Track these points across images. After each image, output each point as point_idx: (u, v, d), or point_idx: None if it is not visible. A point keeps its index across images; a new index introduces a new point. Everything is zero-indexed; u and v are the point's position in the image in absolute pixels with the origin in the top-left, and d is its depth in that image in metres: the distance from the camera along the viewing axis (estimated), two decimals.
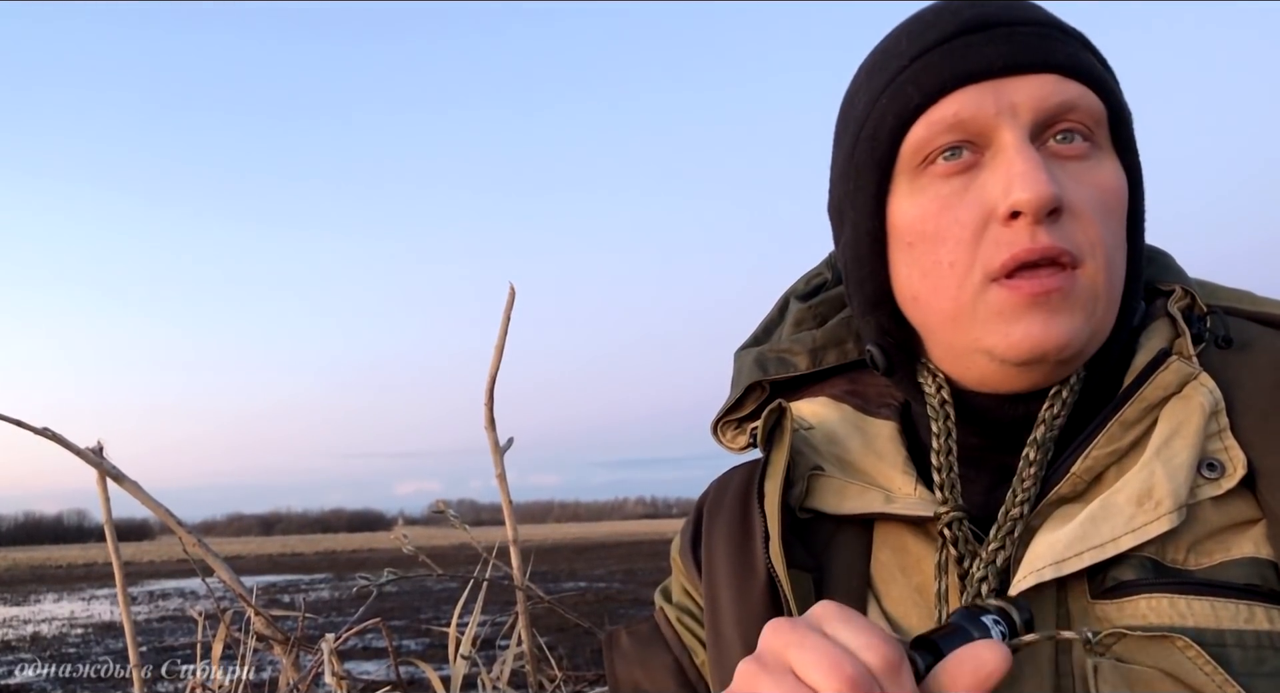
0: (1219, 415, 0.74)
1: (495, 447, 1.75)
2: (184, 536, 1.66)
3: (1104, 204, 0.74)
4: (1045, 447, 0.76)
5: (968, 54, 0.75)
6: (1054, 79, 0.74)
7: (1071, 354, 0.75)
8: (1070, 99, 0.74)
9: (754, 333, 0.98)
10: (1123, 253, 0.76)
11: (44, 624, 18.44)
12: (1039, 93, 0.73)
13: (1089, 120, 0.74)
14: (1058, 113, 0.74)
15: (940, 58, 0.76)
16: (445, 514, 1.87)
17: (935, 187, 0.76)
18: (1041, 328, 0.73)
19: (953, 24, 0.77)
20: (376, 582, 1.60)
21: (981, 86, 0.74)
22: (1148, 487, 0.72)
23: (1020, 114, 0.73)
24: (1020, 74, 0.74)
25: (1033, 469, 0.76)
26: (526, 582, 1.83)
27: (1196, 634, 0.68)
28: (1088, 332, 0.74)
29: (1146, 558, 0.72)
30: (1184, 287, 0.83)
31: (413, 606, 17.07)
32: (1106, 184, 0.75)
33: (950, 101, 0.75)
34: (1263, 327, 0.81)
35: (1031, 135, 0.74)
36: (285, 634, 1.62)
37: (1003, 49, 0.74)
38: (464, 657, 1.69)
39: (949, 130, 0.75)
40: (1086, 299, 0.74)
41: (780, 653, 0.60)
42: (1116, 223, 0.75)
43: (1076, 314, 0.73)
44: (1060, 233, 0.72)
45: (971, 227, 0.74)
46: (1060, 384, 0.77)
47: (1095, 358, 0.78)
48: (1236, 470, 0.72)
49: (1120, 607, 0.71)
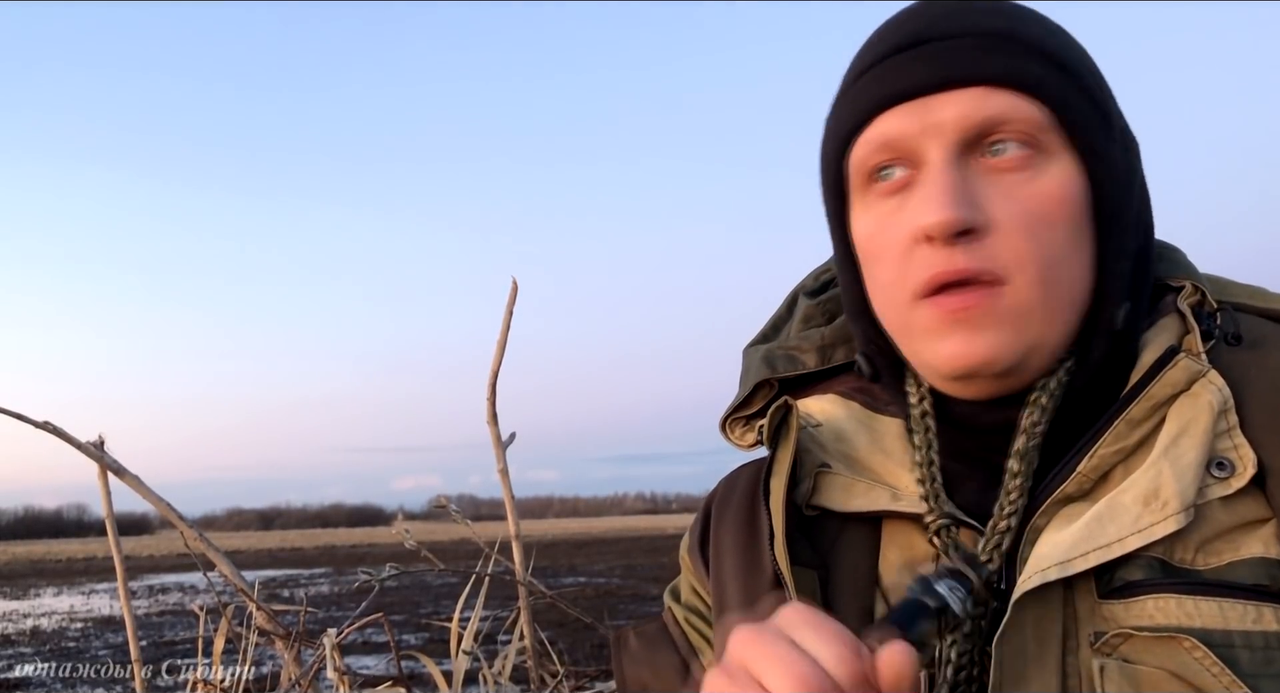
0: (1228, 414, 0.74)
1: (497, 441, 1.75)
2: (185, 530, 1.66)
3: (1040, 216, 0.74)
4: (1029, 456, 0.76)
5: (896, 74, 0.76)
6: (981, 93, 0.74)
7: (1003, 369, 0.75)
8: (998, 112, 0.74)
9: (762, 330, 0.97)
10: (1076, 260, 0.75)
11: (44, 618, 18.46)
12: (963, 109, 0.74)
13: (1027, 129, 0.74)
14: (985, 127, 0.74)
15: (872, 79, 0.77)
16: (447, 509, 1.87)
17: (878, 205, 0.78)
18: (965, 346, 0.74)
19: (888, 43, 0.78)
20: (378, 576, 1.59)
21: (909, 106, 0.75)
22: (1155, 487, 0.71)
23: (945, 132, 0.74)
24: (946, 90, 0.74)
25: (1018, 481, 0.76)
26: (528, 577, 1.83)
27: (1204, 635, 0.68)
28: (1020, 347, 0.74)
29: (1154, 558, 0.71)
30: (1194, 282, 0.82)
31: (412, 600, 17.09)
32: (1045, 194, 0.74)
33: (880, 122, 0.76)
34: (1276, 324, 0.80)
35: (964, 149, 0.74)
36: (287, 629, 1.62)
37: (930, 66, 0.75)
38: (465, 652, 1.69)
39: (880, 150, 0.76)
40: (1013, 315, 0.74)
41: (747, 665, 0.60)
42: (1061, 232, 0.74)
43: (1003, 331, 0.74)
44: (977, 252, 0.73)
45: (902, 246, 0.76)
46: (1039, 390, 0.77)
47: (1081, 359, 0.77)
48: (1246, 470, 0.72)
49: (1128, 607, 0.70)
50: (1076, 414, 0.78)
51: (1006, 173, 0.74)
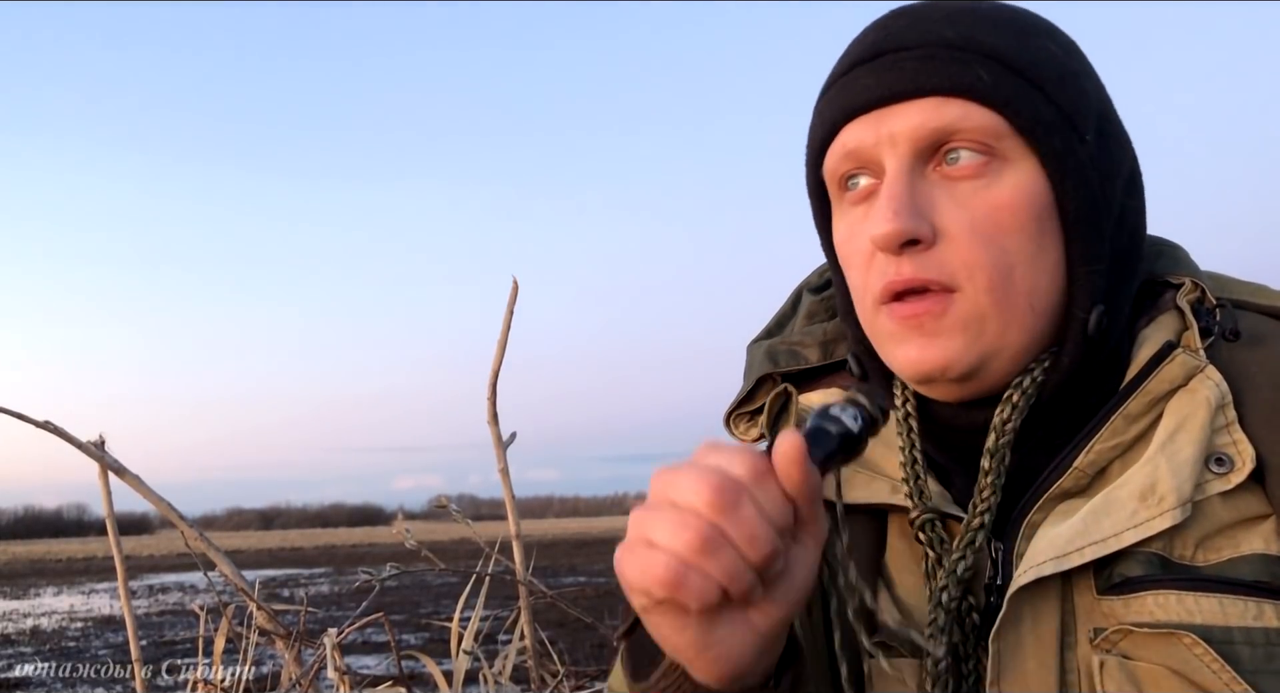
0: (1226, 409, 0.74)
1: (498, 441, 1.74)
2: (186, 530, 1.66)
3: (993, 223, 0.74)
4: (1000, 454, 0.77)
5: (855, 87, 0.78)
6: (933, 104, 0.75)
7: (960, 374, 0.76)
8: (949, 122, 0.74)
9: (766, 326, 0.98)
10: (1038, 265, 0.75)
11: (44, 618, 18.44)
12: (914, 121, 0.75)
13: (981, 136, 0.74)
14: (938, 137, 0.75)
15: (838, 90, 0.79)
16: (447, 509, 1.87)
17: (850, 213, 0.81)
18: (919, 352, 0.76)
19: (852, 55, 0.80)
20: (379, 576, 1.59)
21: (866, 118, 0.77)
22: (1151, 482, 0.71)
23: (898, 143, 0.75)
24: (899, 102, 0.76)
25: (989, 478, 0.77)
26: (529, 577, 1.83)
27: (1204, 631, 0.68)
28: (974, 353, 0.75)
29: (1153, 554, 0.71)
30: (1194, 279, 0.82)
31: (411, 600, 17.08)
32: (998, 201, 0.75)
33: (844, 133, 0.78)
34: (1275, 321, 0.80)
35: (920, 159, 0.76)
36: (288, 629, 1.62)
37: (883, 79, 0.76)
38: (466, 652, 1.69)
39: (846, 160, 0.79)
40: (964, 322, 0.75)
41: (659, 491, 0.63)
42: (1015, 238, 0.75)
43: (955, 338, 0.75)
44: (925, 262, 0.75)
45: (866, 254, 0.78)
46: (1012, 388, 0.77)
47: (1055, 363, 0.77)
48: (1245, 465, 0.72)
49: (1127, 603, 0.71)
50: (1065, 412, 0.79)
51: (961, 181, 0.75)
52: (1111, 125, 0.80)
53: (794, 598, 0.65)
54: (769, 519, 0.61)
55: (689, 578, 0.59)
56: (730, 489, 0.60)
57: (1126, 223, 0.79)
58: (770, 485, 0.61)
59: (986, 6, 0.79)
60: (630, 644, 0.72)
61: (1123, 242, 0.79)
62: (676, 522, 0.60)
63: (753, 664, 0.66)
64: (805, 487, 0.62)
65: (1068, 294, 0.77)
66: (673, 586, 0.59)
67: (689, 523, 0.60)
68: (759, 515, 0.60)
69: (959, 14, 0.78)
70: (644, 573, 0.60)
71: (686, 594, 0.59)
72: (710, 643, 0.63)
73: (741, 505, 0.60)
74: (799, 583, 0.64)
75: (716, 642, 0.63)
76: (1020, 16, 0.80)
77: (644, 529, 0.62)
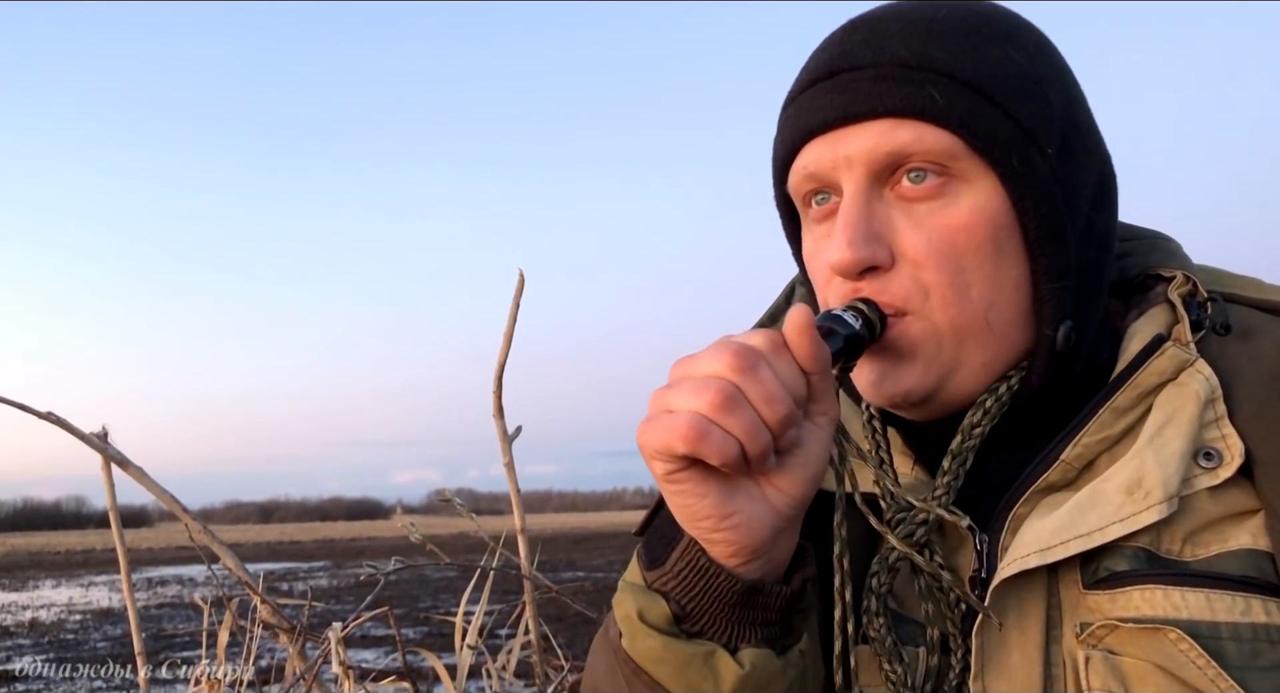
0: (1215, 403, 0.74)
1: (503, 435, 1.74)
2: (189, 522, 1.65)
3: (948, 243, 0.74)
4: (963, 456, 0.78)
5: (811, 107, 0.78)
6: (887, 126, 0.74)
7: (919, 399, 0.77)
8: (902, 145, 0.74)
9: (760, 319, 0.99)
10: (998, 283, 0.75)
11: (42, 610, 18.47)
12: (869, 144, 0.75)
13: (935, 157, 0.74)
14: (893, 159, 0.75)
15: (795, 111, 0.79)
16: (451, 502, 1.86)
17: (814, 229, 0.81)
18: (876, 376, 0.78)
19: (809, 73, 0.80)
20: (384, 570, 1.59)
21: (823, 139, 0.77)
22: (1138, 476, 0.71)
23: (855, 165, 0.75)
24: (853, 124, 0.75)
25: (945, 479, 0.78)
26: (533, 571, 1.82)
27: (1190, 627, 0.68)
28: (931, 376, 0.76)
29: (1140, 548, 0.71)
30: (1186, 272, 0.81)
31: (411, 594, 17.11)
32: (953, 221, 0.74)
33: (803, 154, 0.78)
34: (1268, 314, 0.80)
35: (877, 180, 0.76)
36: (292, 623, 1.61)
37: (837, 100, 0.76)
38: (470, 646, 1.69)
39: (807, 180, 0.79)
40: (918, 345, 0.76)
41: (679, 372, 0.66)
42: (971, 257, 0.74)
43: (914, 362, 0.76)
44: (883, 286, 0.75)
45: (825, 272, 0.79)
46: (986, 393, 0.78)
47: (1026, 376, 0.78)
48: (1233, 459, 0.72)
49: (1113, 598, 0.70)
50: (1049, 408, 0.78)
51: (917, 202, 0.75)
52: (1079, 133, 0.78)
53: (808, 474, 0.68)
54: (785, 384, 0.65)
55: (711, 433, 0.63)
56: (748, 354, 0.64)
57: (1095, 235, 0.78)
58: (784, 356, 0.66)
59: (945, 12, 0.77)
60: (647, 537, 0.75)
61: (1091, 254, 0.78)
62: (697, 385, 0.64)
63: (769, 545, 0.69)
64: (816, 357, 0.66)
65: (1034, 311, 0.76)
66: (695, 440, 0.63)
67: (710, 384, 0.63)
68: (775, 378, 0.64)
69: (915, 27, 0.76)
70: (667, 431, 0.64)
71: (708, 448, 0.63)
72: (730, 510, 0.67)
73: (759, 368, 0.64)
74: (812, 459, 0.68)
75: (736, 509, 0.67)
76: (982, 23, 0.77)
77: (664, 402, 0.65)
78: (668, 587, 0.71)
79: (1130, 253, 0.87)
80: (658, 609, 0.71)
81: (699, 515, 0.67)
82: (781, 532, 0.69)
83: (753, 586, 0.70)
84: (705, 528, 0.68)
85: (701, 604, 0.70)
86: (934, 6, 0.78)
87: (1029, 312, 0.76)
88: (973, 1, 0.80)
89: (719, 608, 0.70)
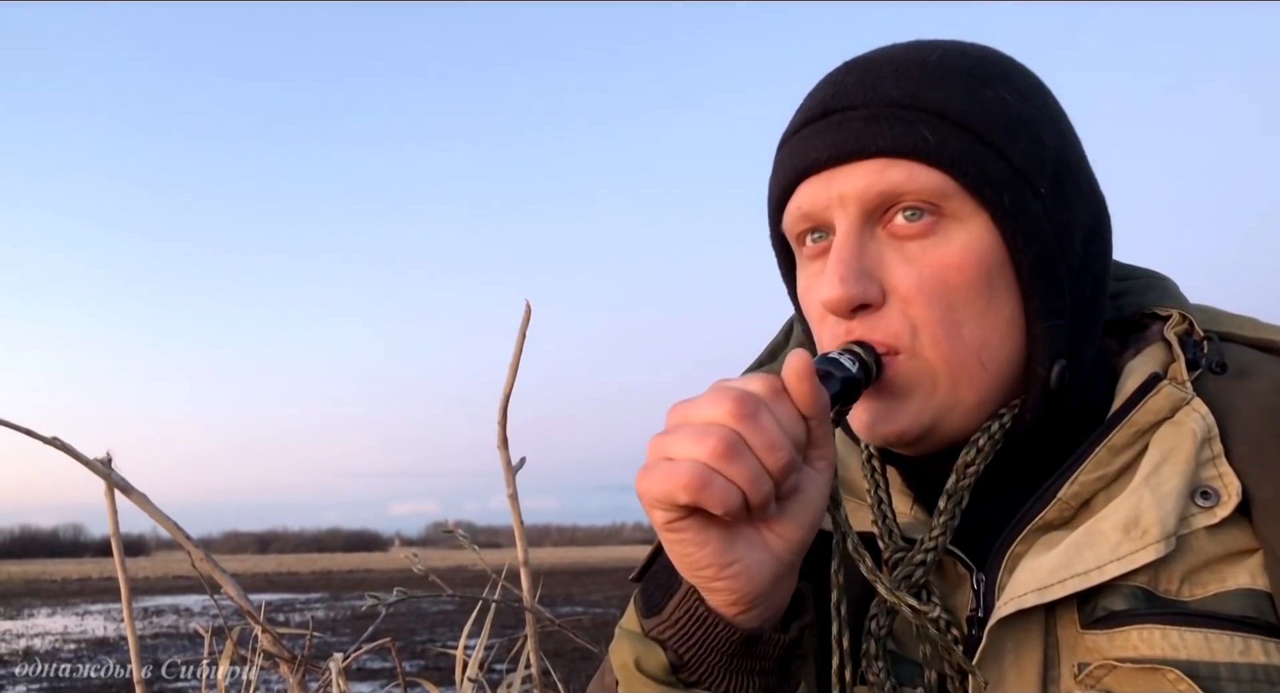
0: (1212, 442, 0.74)
1: (508, 466, 1.73)
2: (192, 550, 1.64)
3: (940, 282, 0.75)
4: (958, 496, 0.78)
5: (804, 147, 0.78)
6: (879, 165, 0.75)
7: (913, 439, 0.77)
8: (894, 185, 0.74)
9: (759, 356, 0.99)
10: (991, 322, 0.75)
11: (37, 639, 18.34)
12: (861, 184, 0.75)
13: (927, 197, 0.74)
14: (885, 199, 0.75)
15: (789, 151, 0.80)
16: (454, 534, 1.86)
17: (809, 267, 0.82)
18: (870, 416, 0.78)
19: (803, 113, 0.81)
20: (386, 600, 1.58)
21: (817, 179, 0.77)
22: (1135, 514, 0.71)
23: (847, 204, 0.76)
24: (846, 163, 0.76)
25: (942, 519, 0.77)
26: (535, 604, 1.81)
27: (1189, 667, 0.67)
28: (925, 414, 0.76)
29: (1138, 587, 0.71)
30: (1182, 311, 0.82)
31: (408, 627, 17.01)
32: (944, 260, 0.75)
33: (798, 193, 0.79)
34: (1263, 353, 0.80)
35: (870, 219, 0.76)
36: (293, 653, 1.61)
37: (830, 140, 0.76)
38: (471, 679, 1.67)
39: (801, 220, 0.79)
40: (911, 384, 0.76)
41: (677, 417, 0.66)
42: (962, 296, 0.75)
43: (909, 402, 0.76)
44: (875, 324, 0.76)
45: (819, 310, 0.79)
46: (980, 432, 0.78)
47: (1019, 415, 0.78)
48: (1230, 498, 0.72)
49: (1111, 637, 0.70)
50: (1045, 447, 0.79)
51: (909, 240, 0.75)
52: (1072, 173, 0.78)
53: (808, 520, 0.68)
54: (785, 431, 0.64)
55: (713, 481, 0.62)
56: (749, 400, 0.63)
57: (1089, 273, 0.78)
58: (785, 402, 0.65)
59: (939, 55, 0.78)
60: (645, 583, 0.75)
61: (1085, 292, 0.78)
62: (698, 432, 0.63)
63: (769, 592, 0.69)
64: (816, 403, 0.66)
65: (1028, 349, 0.77)
66: (698, 489, 0.62)
67: (711, 431, 0.63)
68: (777, 425, 0.64)
69: (907, 68, 0.77)
70: (667, 480, 0.63)
71: (710, 497, 0.62)
72: (731, 558, 0.66)
73: (760, 415, 0.63)
74: (812, 504, 0.68)
75: (737, 557, 0.66)
76: (974, 64, 0.78)
77: (663, 449, 0.64)
78: (665, 635, 0.71)
79: (1127, 292, 0.87)
80: (655, 659, 0.71)
81: (700, 564, 0.66)
82: (782, 577, 0.69)
83: (751, 634, 0.70)
84: (706, 576, 0.67)
85: (699, 654, 0.70)
86: (928, 49, 0.79)
87: (1023, 350, 0.77)
88: (967, 44, 0.81)
89: (717, 658, 0.70)
